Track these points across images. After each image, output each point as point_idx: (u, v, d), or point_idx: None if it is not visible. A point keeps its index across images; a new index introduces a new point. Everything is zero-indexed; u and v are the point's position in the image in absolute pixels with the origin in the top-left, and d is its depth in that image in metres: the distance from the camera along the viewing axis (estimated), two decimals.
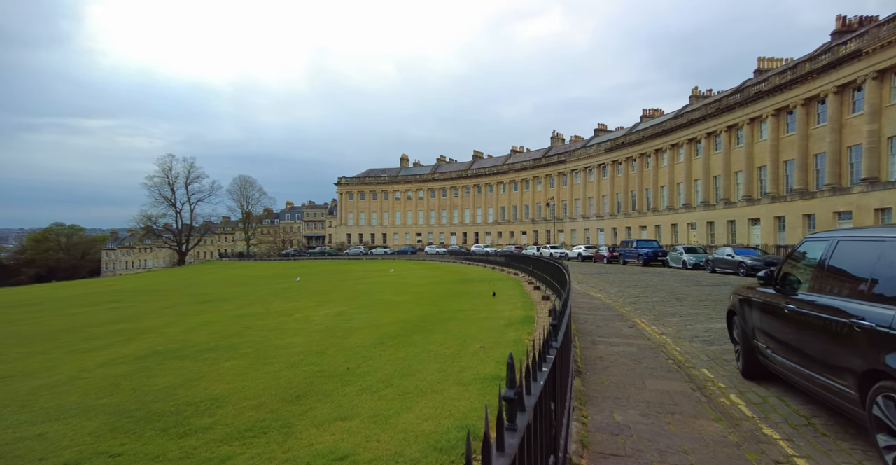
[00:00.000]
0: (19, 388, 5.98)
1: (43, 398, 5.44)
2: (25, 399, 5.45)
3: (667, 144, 46.83)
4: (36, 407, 5.12)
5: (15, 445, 3.98)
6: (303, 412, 4.66)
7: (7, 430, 4.41)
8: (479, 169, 74.46)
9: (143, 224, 73.88)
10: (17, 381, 6.39)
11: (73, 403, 5.19)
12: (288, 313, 12.36)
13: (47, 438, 4.12)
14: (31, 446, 3.94)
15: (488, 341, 7.74)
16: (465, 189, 74.99)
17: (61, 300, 22.85)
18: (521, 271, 23.57)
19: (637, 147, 50.97)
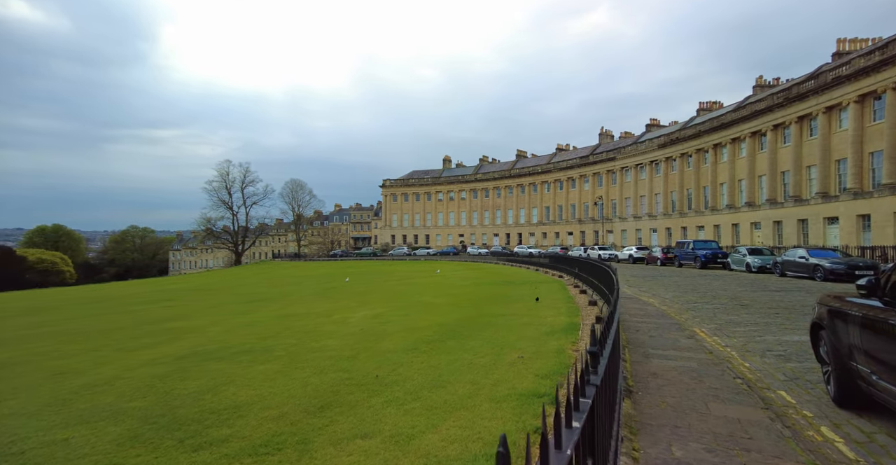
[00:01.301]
0: (65, 386, 6.18)
1: (82, 398, 5.55)
2: (67, 398, 5.58)
3: (727, 138, 43.59)
4: (73, 408, 5.20)
5: (40, 450, 3.98)
6: (323, 425, 4.38)
7: (39, 432, 4.46)
8: (522, 168, 73.06)
9: (203, 226, 78.67)
10: (65, 378, 6.63)
11: (106, 405, 5.23)
12: (327, 314, 12.37)
13: (71, 444, 4.09)
14: (54, 452, 3.92)
15: (527, 350, 7.20)
16: (508, 189, 73.82)
17: (128, 297, 24.53)
18: (567, 274, 22.58)
19: (693, 142, 47.85)
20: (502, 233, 74.08)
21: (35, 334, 12.24)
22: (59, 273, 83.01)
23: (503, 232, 74.08)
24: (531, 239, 70.22)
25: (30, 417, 4.98)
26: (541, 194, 69.87)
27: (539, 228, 69.74)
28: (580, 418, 1.27)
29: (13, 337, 11.75)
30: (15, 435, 4.42)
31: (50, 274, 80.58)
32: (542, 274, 26.05)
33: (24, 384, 6.48)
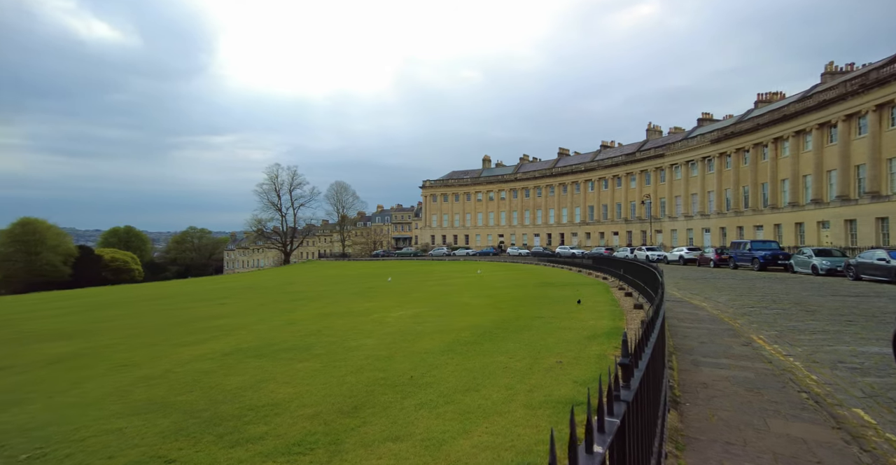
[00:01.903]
0: (125, 378, 6.61)
1: (138, 390, 5.91)
2: (125, 390, 5.96)
3: (789, 131, 40.44)
4: (129, 399, 5.54)
5: (97, 438, 4.25)
6: (356, 426, 4.40)
7: (99, 421, 4.77)
8: (564, 167, 71.32)
9: (254, 227, 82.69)
10: (126, 371, 7.10)
11: (158, 397, 5.53)
12: (366, 314, 12.56)
13: (124, 434, 4.34)
14: (108, 441, 4.17)
15: (567, 355, 6.94)
16: (550, 188, 72.29)
17: (186, 295, 26.17)
18: (611, 276, 21.76)
19: (750, 136, 44.77)
20: (543, 233, 72.68)
21: (105, 327, 13.28)
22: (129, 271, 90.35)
23: (544, 232, 72.66)
24: (574, 239, 68.42)
25: (91, 406, 5.35)
26: (584, 193, 67.92)
27: (582, 228, 67.82)
28: (605, 441, 1.14)
29: (88, 330, 12.80)
30: (78, 423, 4.76)
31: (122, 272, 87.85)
32: (585, 276, 25.25)
33: (92, 375, 7.00)
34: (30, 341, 11.37)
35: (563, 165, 72.17)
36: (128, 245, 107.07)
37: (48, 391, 6.16)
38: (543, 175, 72.85)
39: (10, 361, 8.65)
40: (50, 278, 74.62)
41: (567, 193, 70.18)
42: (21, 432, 4.66)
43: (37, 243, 76.66)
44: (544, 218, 72.91)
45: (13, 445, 4.32)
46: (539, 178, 73.41)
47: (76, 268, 79.77)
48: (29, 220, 79.72)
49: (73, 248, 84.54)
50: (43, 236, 78.37)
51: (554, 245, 68.06)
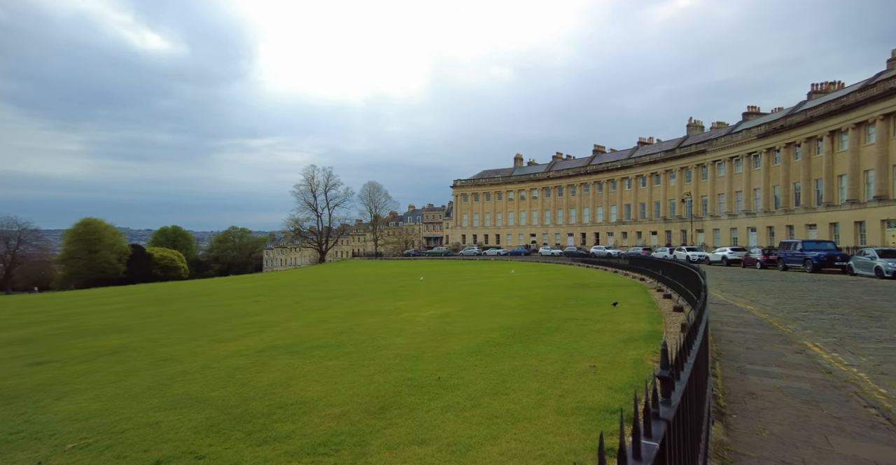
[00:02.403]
0: (165, 372, 6.88)
1: (176, 384, 6.12)
2: (164, 384, 6.19)
3: (849, 122, 37.63)
4: (168, 393, 5.74)
5: (136, 431, 4.41)
6: (382, 427, 4.35)
7: (139, 414, 4.96)
8: (599, 164, 69.43)
9: (292, 227, 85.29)
10: (167, 365, 7.39)
11: (194, 392, 5.70)
12: (396, 312, 12.61)
13: (160, 427, 4.48)
14: (145, 434, 4.31)
15: (601, 359, 6.66)
16: (584, 187, 70.55)
17: (226, 292, 27.25)
18: (649, 277, 20.95)
19: (803, 129, 41.99)
20: (577, 233, 71.05)
21: (152, 322, 13.97)
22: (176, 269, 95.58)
23: (578, 232, 71.02)
24: (609, 239, 66.51)
25: (134, 398, 5.58)
26: (620, 191, 65.86)
27: (618, 227, 65.82)
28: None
29: (137, 325, 13.51)
30: (120, 415, 4.96)
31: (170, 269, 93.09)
32: (621, 277, 24.43)
33: (137, 368, 7.33)
34: (88, 334, 12.11)
35: (599, 163, 70.26)
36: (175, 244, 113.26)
37: (98, 382, 6.49)
38: (577, 173, 71.18)
39: (69, 352, 9.21)
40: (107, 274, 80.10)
41: (602, 192, 68.28)
42: (71, 421, 4.90)
43: (96, 242, 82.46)
44: (578, 217, 71.25)
45: (63, 433, 4.54)
46: (573, 176, 71.78)
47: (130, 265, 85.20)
48: (90, 220, 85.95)
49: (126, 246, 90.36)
50: (101, 235, 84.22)
51: (588, 245, 66.41)
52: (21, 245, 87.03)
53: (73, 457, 3.93)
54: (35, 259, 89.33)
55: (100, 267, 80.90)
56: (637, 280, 21.35)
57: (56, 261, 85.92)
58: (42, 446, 4.24)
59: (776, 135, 44.85)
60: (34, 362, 8.42)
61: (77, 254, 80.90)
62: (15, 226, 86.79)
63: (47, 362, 8.23)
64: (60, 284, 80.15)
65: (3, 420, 5.09)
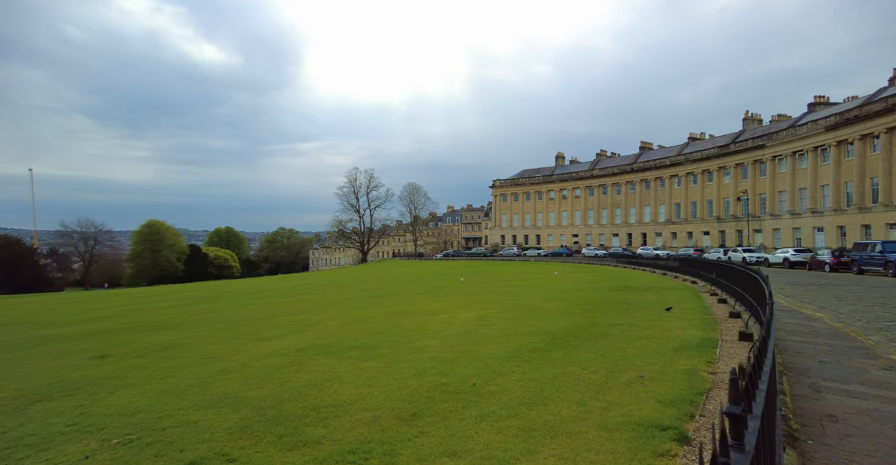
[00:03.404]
0: (208, 370, 7.09)
1: (217, 383, 6.28)
2: (206, 381, 6.37)
3: None
4: (208, 391, 5.89)
5: (175, 429, 4.51)
6: (414, 435, 4.20)
7: (180, 411, 5.10)
8: (646, 162, 66.49)
9: (336, 228, 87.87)
10: (211, 363, 7.64)
11: (232, 391, 5.81)
12: (433, 313, 12.50)
13: (197, 427, 4.56)
14: (183, 433, 4.40)
15: (649, 369, 6.21)
16: (630, 185, 67.78)
17: (273, 291, 28.31)
18: (701, 280, 19.72)
19: (882, 119, 38.15)
20: (622, 233, 68.39)
21: (202, 319, 14.66)
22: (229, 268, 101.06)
23: (623, 232, 68.35)
24: (657, 240, 63.54)
25: (178, 395, 5.77)
26: (669, 190, 62.75)
27: (667, 227, 62.74)
28: None
29: (188, 322, 14.22)
30: (163, 412, 5.12)
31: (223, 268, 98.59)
32: (671, 279, 23.17)
33: (183, 364, 7.63)
34: (145, 329, 12.87)
35: (646, 160, 67.32)
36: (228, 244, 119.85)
37: (148, 378, 6.79)
38: (623, 171, 68.51)
39: (126, 347, 9.79)
40: (168, 272, 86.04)
41: (650, 190, 65.34)
42: (120, 415, 5.11)
43: (159, 242, 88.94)
44: (624, 217, 68.57)
45: (111, 427, 4.74)
46: (618, 174, 69.17)
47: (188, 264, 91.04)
48: (154, 222, 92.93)
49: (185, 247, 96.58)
50: (163, 235, 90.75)
51: (635, 246, 63.76)
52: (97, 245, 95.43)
53: (116, 453, 4.05)
54: (109, 258, 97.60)
55: (162, 266, 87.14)
56: (688, 283, 20.15)
57: (125, 259, 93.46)
58: (92, 439, 4.42)
59: (849, 126, 41.07)
60: (96, 355, 8.99)
61: (143, 253, 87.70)
62: (92, 227, 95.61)
63: (107, 356, 8.75)
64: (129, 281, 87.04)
65: (63, 412, 5.40)
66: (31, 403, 5.84)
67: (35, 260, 79.26)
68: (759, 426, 1.25)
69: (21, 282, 69.40)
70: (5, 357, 9.52)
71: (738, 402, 1.15)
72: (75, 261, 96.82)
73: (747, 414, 1.21)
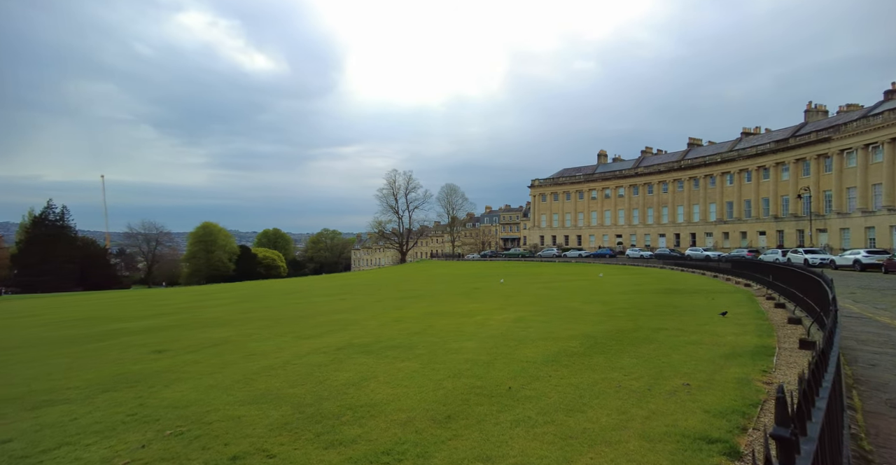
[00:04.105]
0: (253, 366, 7.41)
1: (260, 379, 6.54)
2: (250, 378, 6.65)
3: None
4: (252, 387, 6.15)
5: (220, 423, 4.74)
6: (447, 438, 4.19)
7: (226, 406, 5.35)
8: (695, 158, 63.25)
9: (376, 229, 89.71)
10: (255, 359, 7.97)
11: (274, 388, 6.04)
12: (470, 315, 12.46)
13: (241, 422, 4.77)
14: (227, 428, 4.60)
15: (696, 377, 5.88)
16: (678, 183, 64.69)
17: (316, 290, 29.25)
18: (756, 283, 18.53)
19: None
20: (670, 233, 65.38)
21: (250, 317, 15.37)
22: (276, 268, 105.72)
23: (671, 232, 65.33)
24: (707, 240, 60.27)
25: (224, 390, 6.06)
26: (720, 188, 59.37)
27: (718, 227, 59.38)
28: None
29: (236, 319, 14.95)
30: (211, 406, 5.40)
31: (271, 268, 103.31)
32: (722, 281, 21.91)
33: (230, 361, 8.01)
34: (197, 326, 13.65)
35: (695, 157, 64.08)
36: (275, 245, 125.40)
37: (199, 373, 7.18)
38: (670, 169, 65.54)
39: (181, 343, 10.42)
40: (221, 272, 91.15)
41: (699, 188, 62.11)
42: (173, 408, 5.43)
43: (212, 243, 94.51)
44: (671, 216, 65.57)
45: (165, 419, 5.04)
46: (665, 172, 66.24)
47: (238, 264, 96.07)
48: (208, 224, 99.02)
49: (236, 247, 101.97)
50: (216, 237, 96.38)
51: (683, 247, 60.82)
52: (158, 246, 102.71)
53: (168, 443, 4.30)
54: (168, 258, 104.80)
55: (215, 265, 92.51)
56: (741, 286, 18.98)
57: (182, 260, 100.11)
58: (148, 429, 4.72)
59: None
60: (155, 350, 9.62)
61: (198, 254, 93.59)
62: (154, 229, 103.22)
63: (164, 351, 9.35)
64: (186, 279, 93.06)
65: (125, 402, 5.80)
66: (99, 393, 6.32)
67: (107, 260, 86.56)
68: (816, 449, 1.13)
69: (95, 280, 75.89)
70: (79, 349, 10.39)
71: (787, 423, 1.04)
72: (140, 261, 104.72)
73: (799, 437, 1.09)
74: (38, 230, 74.70)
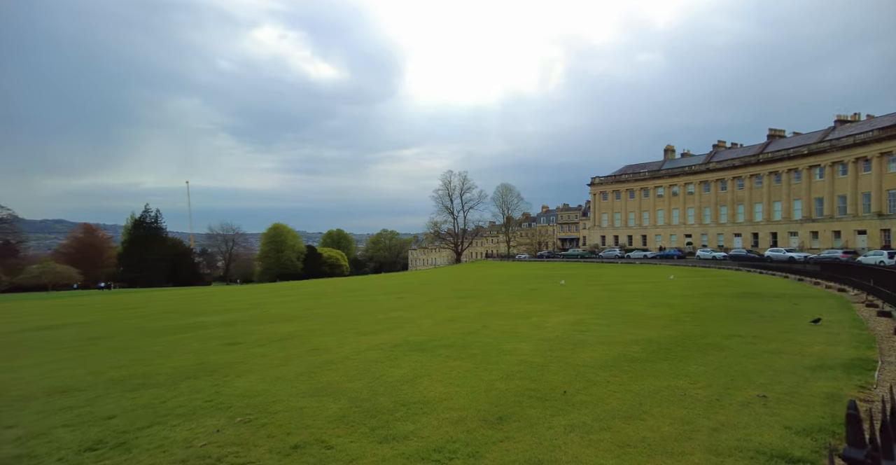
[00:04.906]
0: (315, 360, 7.81)
1: (321, 373, 6.88)
2: (312, 371, 7.02)
3: None
4: (314, 380, 6.49)
5: (284, 414, 5.05)
6: (499, 439, 4.16)
7: (290, 397, 5.69)
8: (777, 152, 57.63)
9: (431, 229, 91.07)
10: (317, 354, 8.40)
11: (334, 382, 6.33)
12: (525, 316, 12.26)
13: (303, 413, 5.04)
14: (290, 418, 4.90)
15: (775, 389, 5.37)
16: (756, 178, 59.28)
17: (374, 289, 30.24)
18: (852, 287, 16.56)
19: None
20: (746, 233, 60.09)
21: (313, 314, 16.22)
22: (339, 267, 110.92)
23: (747, 231, 60.02)
24: (791, 240, 54.66)
25: (288, 382, 6.44)
26: (808, 182, 53.61)
27: (804, 226, 53.65)
28: None
29: (301, 316, 15.84)
30: (276, 397, 5.76)
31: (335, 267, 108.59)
32: (809, 286, 19.80)
33: (294, 355, 8.50)
34: (267, 321, 14.64)
35: (776, 150, 58.44)
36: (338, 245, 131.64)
37: (266, 365, 7.69)
38: (747, 163, 60.25)
39: (251, 336, 11.22)
40: (289, 270, 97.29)
41: (781, 184, 56.54)
42: (243, 397, 5.87)
43: (282, 243, 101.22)
44: (748, 214, 60.26)
45: (236, 407, 5.46)
46: (740, 167, 61.02)
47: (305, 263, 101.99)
48: (278, 225, 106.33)
49: (303, 247, 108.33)
50: (285, 237, 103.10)
51: (762, 247, 55.68)
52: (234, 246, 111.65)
53: (238, 430, 4.66)
54: (244, 257, 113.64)
55: (284, 264, 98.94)
56: (832, 291, 17.05)
57: (255, 259, 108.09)
58: (222, 416, 5.14)
59: None
60: (229, 342, 10.44)
61: (269, 253, 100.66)
62: (231, 230, 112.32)
63: (236, 344, 10.12)
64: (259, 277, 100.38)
65: (203, 389, 6.36)
66: (182, 379, 6.98)
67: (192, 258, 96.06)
68: None
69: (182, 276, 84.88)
70: (165, 340, 11.54)
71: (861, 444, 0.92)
72: (219, 259, 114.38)
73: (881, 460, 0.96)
74: (137, 232, 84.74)
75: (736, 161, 61.88)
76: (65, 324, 17.72)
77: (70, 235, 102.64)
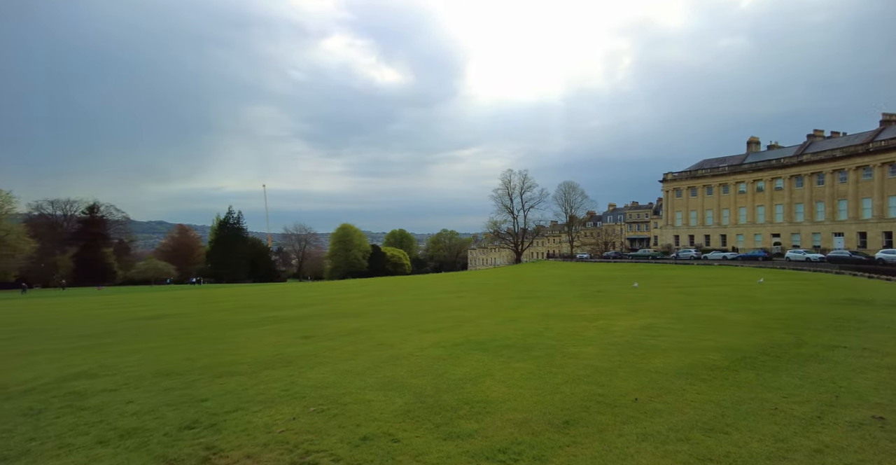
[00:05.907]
0: (381, 355, 8.08)
1: (387, 367, 7.10)
2: (379, 366, 7.26)
3: None
4: (380, 374, 6.72)
5: (353, 406, 5.27)
6: (565, 444, 4.04)
7: (358, 390, 5.94)
8: (891, 139, 50.42)
9: (491, 229, 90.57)
10: (383, 349, 8.68)
11: (399, 377, 6.50)
12: (590, 319, 11.80)
13: (370, 406, 5.23)
14: (359, 410, 5.10)
15: (893, 408, 4.70)
16: (863, 170, 52.26)
17: (435, 287, 30.70)
18: None
19: None
20: (850, 232, 53.18)
21: (379, 310, 16.81)
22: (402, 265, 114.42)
23: (852, 230, 53.09)
24: None
25: (356, 375, 6.72)
26: None
27: None
28: None
29: (368, 312, 16.48)
30: (345, 389, 6.04)
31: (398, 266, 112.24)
32: None
33: (362, 349, 8.85)
34: (336, 316, 15.39)
35: (890, 137, 51.15)
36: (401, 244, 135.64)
37: (336, 358, 8.09)
38: (850, 154, 53.34)
39: (323, 331, 11.86)
40: (356, 268, 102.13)
41: (894, 176, 49.39)
42: (315, 388, 6.21)
43: (349, 243, 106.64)
44: (851, 211, 53.36)
45: (309, 397, 5.79)
46: (841, 158, 54.18)
47: (370, 261, 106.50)
48: (346, 225, 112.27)
49: (368, 246, 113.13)
50: (352, 237, 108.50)
51: (870, 248, 49.03)
52: (307, 245, 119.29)
53: (312, 419, 4.94)
54: (315, 256, 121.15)
55: (351, 262, 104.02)
56: None
57: (325, 257, 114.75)
58: (297, 404, 5.48)
59: None
60: (303, 335, 11.11)
61: (338, 252, 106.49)
62: (303, 231, 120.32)
63: (310, 337, 10.74)
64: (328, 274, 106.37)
65: (280, 379, 6.82)
66: (261, 369, 7.54)
67: (269, 257, 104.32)
68: None
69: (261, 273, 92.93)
70: (245, 332, 12.53)
71: None
72: (293, 257, 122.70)
73: None
74: (222, 232, 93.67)
75: (836, 152, 54.99)
76: (164, 315, 19.88)
77: (168, 235, 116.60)
